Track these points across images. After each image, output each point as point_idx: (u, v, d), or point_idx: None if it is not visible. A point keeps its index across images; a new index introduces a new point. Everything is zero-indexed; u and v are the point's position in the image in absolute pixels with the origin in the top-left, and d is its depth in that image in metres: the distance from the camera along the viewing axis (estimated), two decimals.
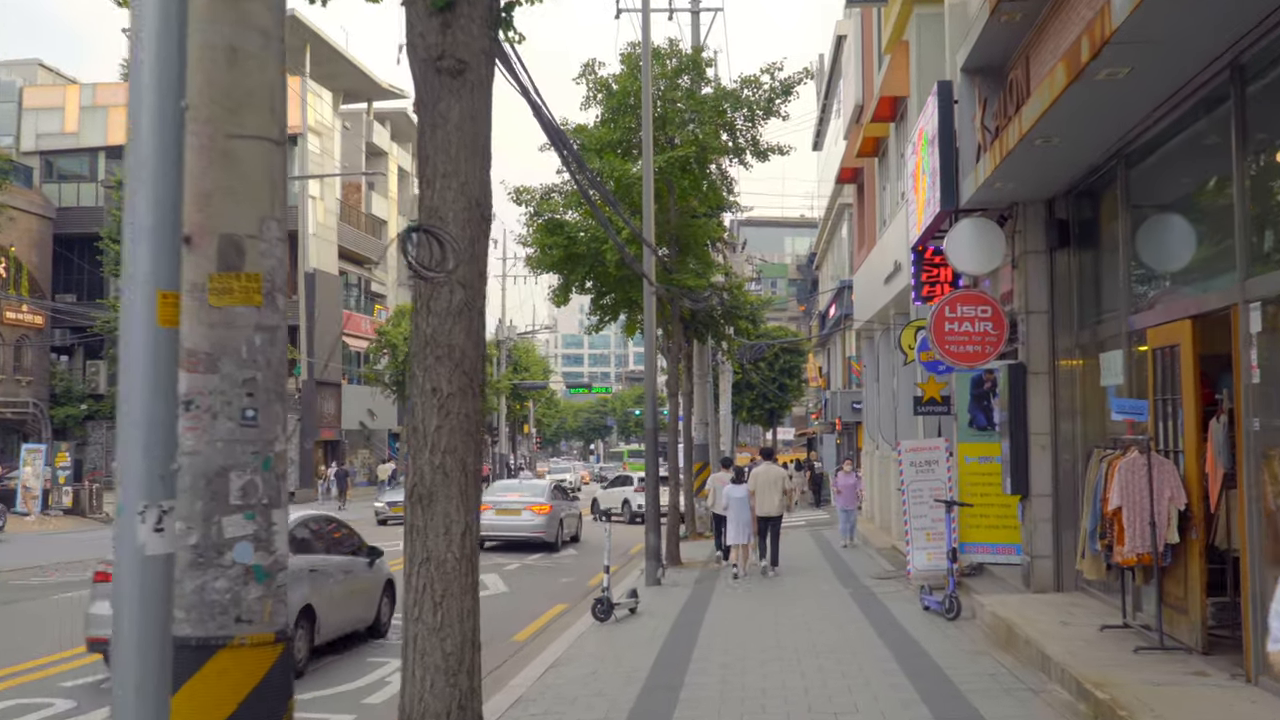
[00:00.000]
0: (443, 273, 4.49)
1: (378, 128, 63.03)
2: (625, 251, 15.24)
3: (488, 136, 4.74)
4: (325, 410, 51.45)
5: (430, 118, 4.78)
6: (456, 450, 4.56)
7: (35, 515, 31.39)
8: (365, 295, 59.15)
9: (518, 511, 24.30)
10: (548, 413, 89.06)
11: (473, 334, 4.63)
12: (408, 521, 4.61)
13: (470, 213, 4.59)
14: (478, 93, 4.72)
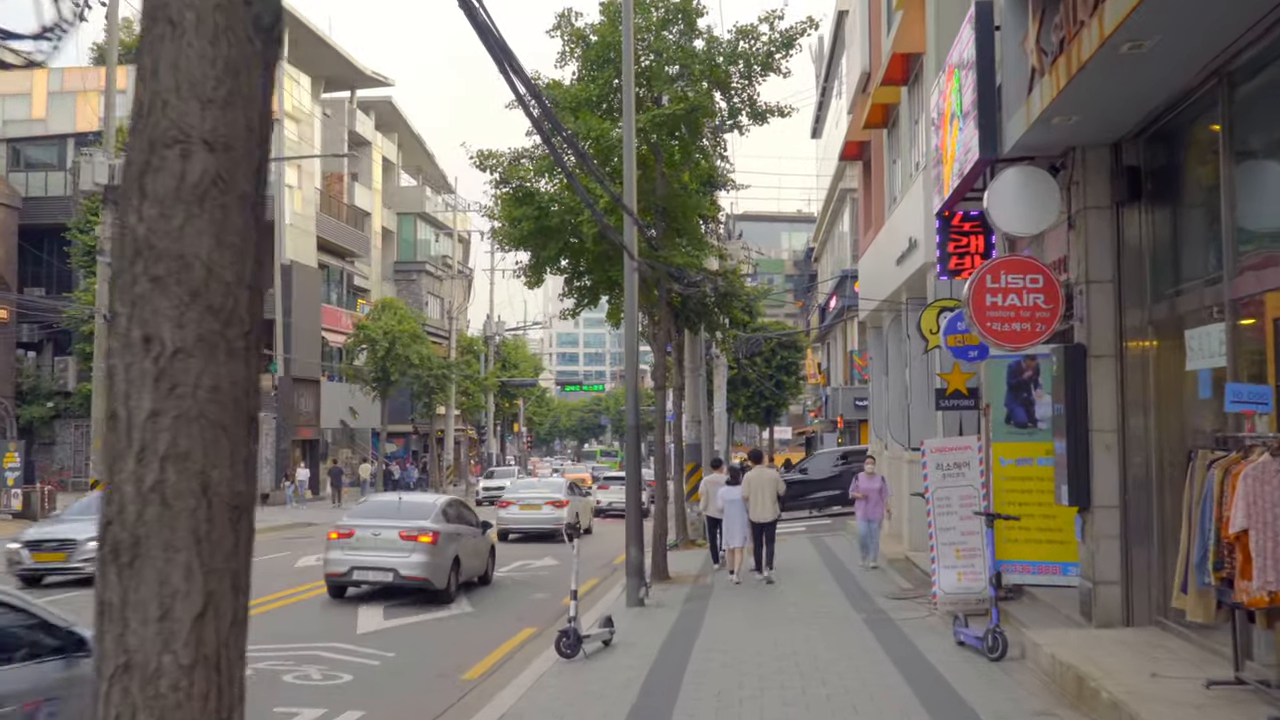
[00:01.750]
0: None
1: (361, 116, 60.81)
2: (604, 221, 13.06)
3: None
4: (303, 408, 49.22)
5: None
6: (191, 458, 2.41)
7: None
8: (348, 289, 56.93)
9: (538, 507, 26.22)
10: (539, 411, 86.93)
11: (231, 241, 2.46)
12: (96, 594, 2.41)
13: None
14: None
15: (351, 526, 16.12)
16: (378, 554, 15.52)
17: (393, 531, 15.65)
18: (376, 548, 15.60)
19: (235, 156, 2.54)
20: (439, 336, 59.96)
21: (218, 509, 2.46)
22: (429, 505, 16.66)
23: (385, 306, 48.75)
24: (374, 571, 15.48)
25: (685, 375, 24.32)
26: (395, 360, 46.28)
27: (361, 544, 15.70)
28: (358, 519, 16.57)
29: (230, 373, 2.54)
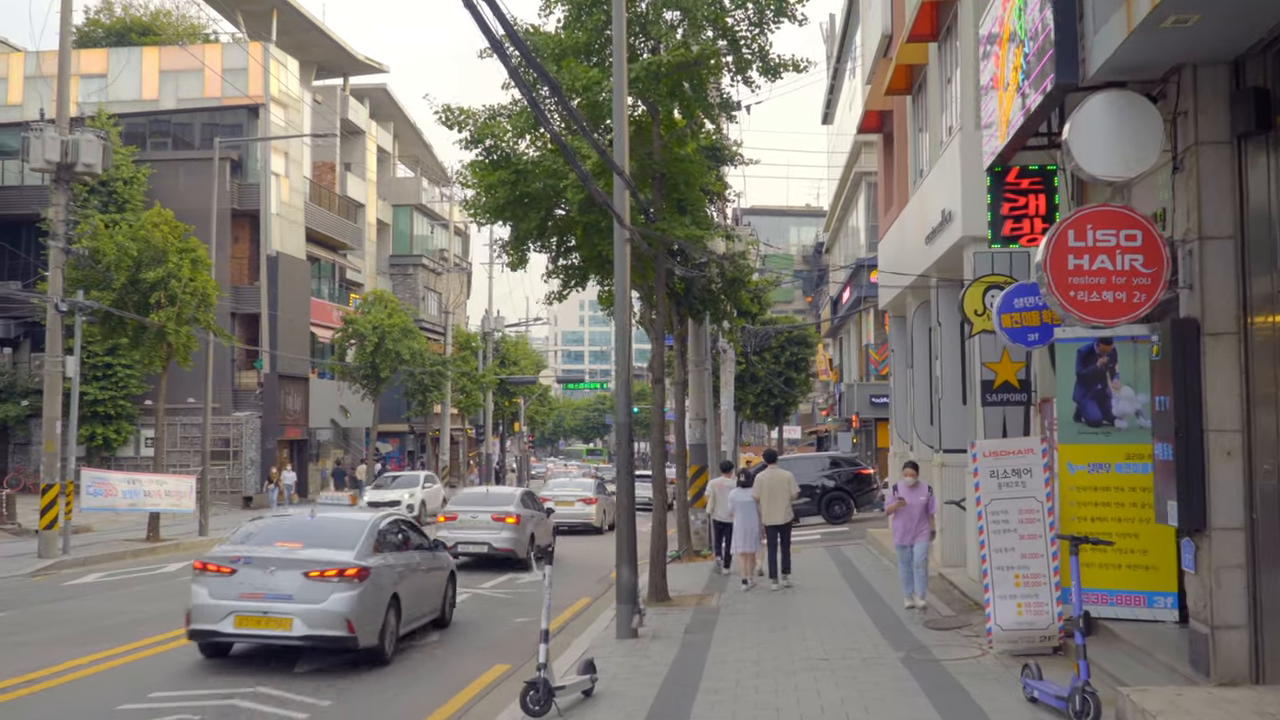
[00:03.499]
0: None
1: (355, 104, 58.81)
2: (591, 183, 10.92)
3: None
4: (290, 407, 47.14)
5: None
6: None
7: None
8: (340, 283, 54.85)
9: (571, 503, 29.68)
10: (541, 410, 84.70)
11: None
12: None
13: None
14: None
15: (455, 511, 21.57)
16: (475, 532, 20.58)
17: (486, 515, 20.81)
18: (474, 527, 20.72)
19: None
20: (436, 333, 57.88)
21: None
22: (511, 494, 22.35)
23: (375, 299, 46.60)
24: (473, 545, 20.27)
25: (688, 369, 22.20)
26: (385, 356, 44.16)
27: (463, 524, 20.83)
28: (459, 505, 21.90)
29: None
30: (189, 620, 11.05)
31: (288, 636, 10.70)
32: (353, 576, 10.88)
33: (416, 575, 12.57)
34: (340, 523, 12.17)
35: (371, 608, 11.07)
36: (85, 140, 22.38)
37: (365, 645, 10.94)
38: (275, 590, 10.76)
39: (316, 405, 49.22)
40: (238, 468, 43.68)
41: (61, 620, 14.38)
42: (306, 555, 11.04)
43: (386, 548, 11.99)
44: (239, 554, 11.14)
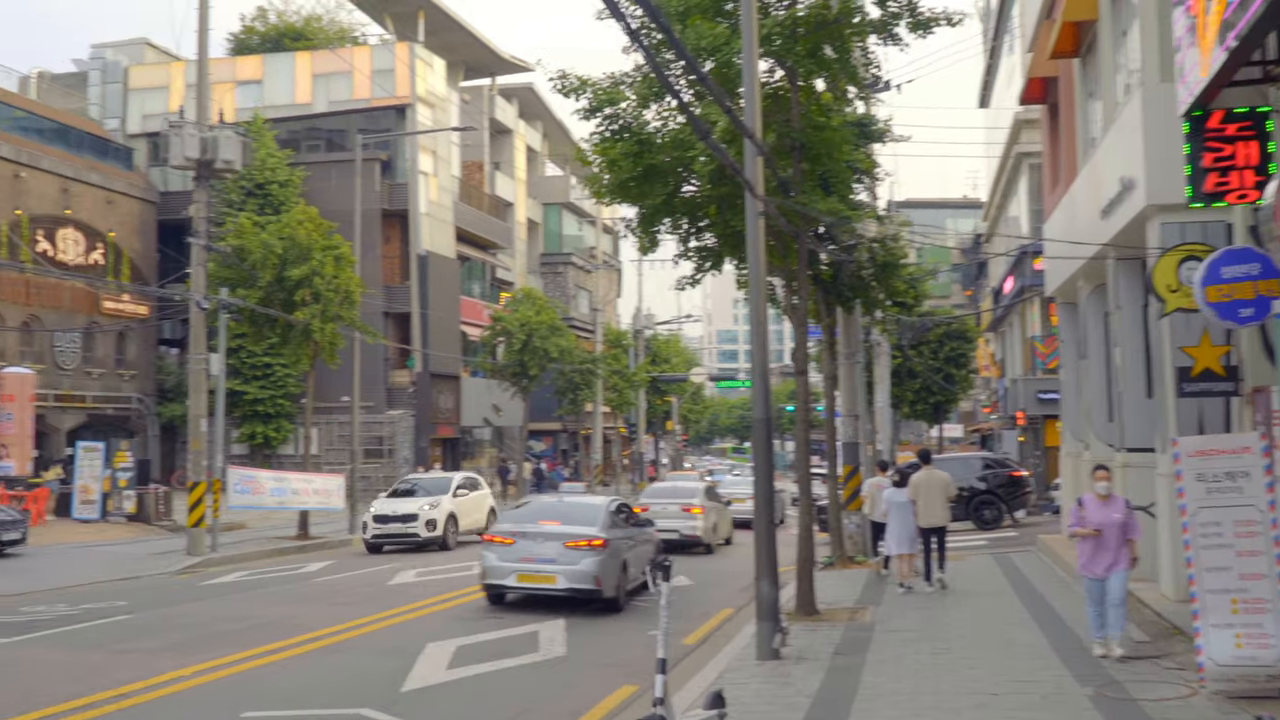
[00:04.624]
0: None
1: (503, 104, 58.83)
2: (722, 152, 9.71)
3: None
4: (443, 405, 47.29)
5: None
6: None
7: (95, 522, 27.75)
8: (491, 282, 54.91)
9: (744, 500, 27.78)
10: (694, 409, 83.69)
11: None
12: None
13: None
14: None
15: (646, 503, 23.66)
16: (666, 521, 22.56)
17: (675, 506, 23.87)
18: (665, 517, 22.76)
19: None
20: (586, 331, 57.49)
21: None
22: (697, 488, 24.09)
23: (523, 297, 46.29)
24: (665, 533, 20.98)
25: (838, 362, 20.76)
26: (533, 353, 43.77)
27: (654, 515, 21.72)
28: (649, 498, 24.51)
29: None
30: (483, 576, 15.36)
31: (554, 589, 14.74)
32: (598, 546, 14.87)
33: (636, 546, 16.24)
34: (583, 506, 16.51)
35: (611, 569, 14.97)
36: (224, 136, 22.31)
37: (607, 596, 14.82)
38: (543, 556, 14.82)
39: (469, 403, 49.30)
40: (392, 466, 43.91)
41: (182, 624, 13.94)
42: (564, 530, 15.03)
43: (616, 525, 15.80)
44: (516, 530, 15.27)
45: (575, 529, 14.98)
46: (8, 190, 35.39)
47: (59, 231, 37.54)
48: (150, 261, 42.41)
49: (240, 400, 41.79)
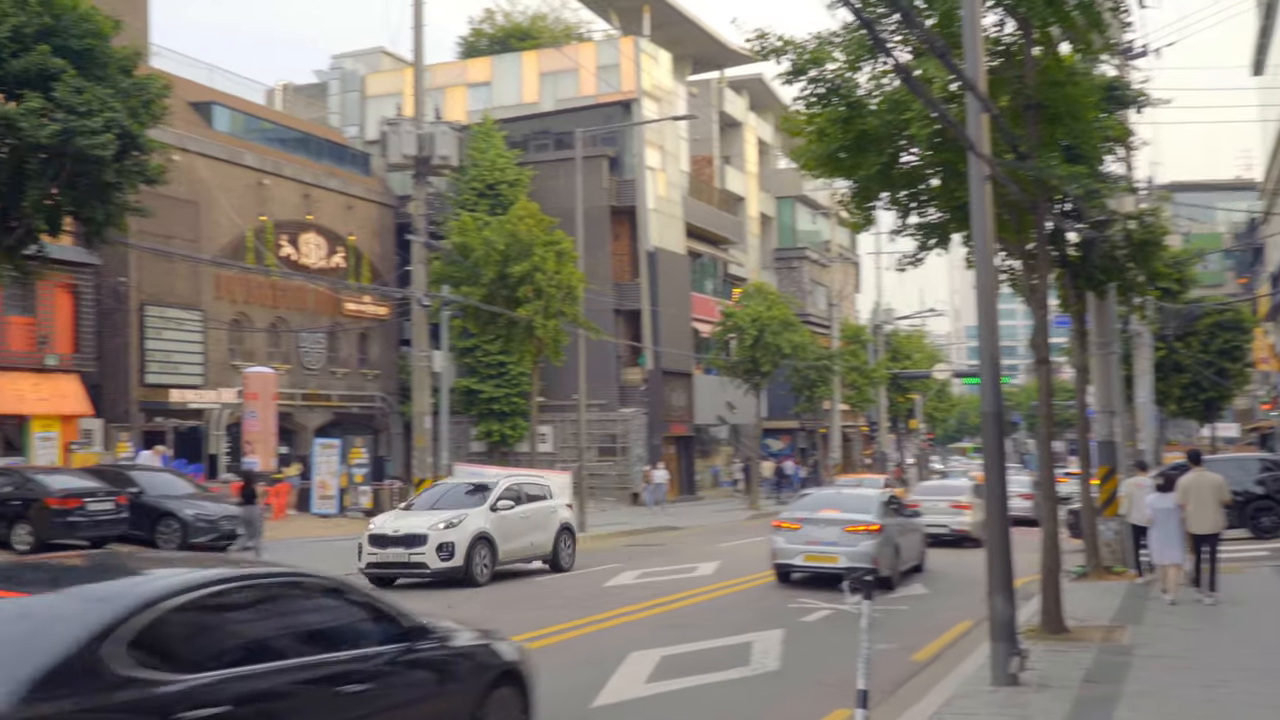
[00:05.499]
0: None
1: (732, 96, 57.93)
2: (943, 112, 8.32)
3: None
4: (675, 403, 46.78)
5: None
6: None
7: (332, 517, 28.53)
8: (723, 278, 54.08)
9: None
10: (940, 406, 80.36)
11: None
12: None
13: None
14: None
15: (918, 500, 24.09)
16: (936, 516, 23.45)
17: (944, 503, 24.74)
18: (935, 512, 23.37)
19: None
20: (822, 326, 55.89)
21: None
22: (964, 486, 23.71)
23: (754, 292, 45.17)
24: (935, 528, 22.82)
25: (1089, 352, 18.66)
26: (765, 349, 42.56)
27: (925, 511, 22.36)
28: (920, 495, 24.85)
29: None
30: (773, 557, 17.86)
31: (835, 568, 16.59)
32: (875, 531, 17.01)
33: (907, 534, 18.66)
34: (859, 497, 19.10)
35: (887, 551, 17.10)
36: (440, 132, 22.28)
37: (883, 575, 16.40)
38: (825, 539, 17.15)
39: (701, 401, 48.66)
40: (625, 463, 43.72)
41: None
42: (843, 517, 17.34)
43: (888, 513, 17.93)
44: (801, 516, 17.82)
45: (853, 516, 17.35)
46: (253, 197, 37.07)
47: (301, 236, 39.10)
48: (389, 263, 43.72)
49: (477, 399, 42.53)
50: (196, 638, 5.34)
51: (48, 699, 4.51)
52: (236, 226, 36.03)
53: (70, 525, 19.23)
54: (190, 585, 5.47)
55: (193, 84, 39.38)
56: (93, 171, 14.34)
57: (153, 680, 4.92)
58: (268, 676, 5.45)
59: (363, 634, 6.23)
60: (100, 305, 31.91)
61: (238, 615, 5.69)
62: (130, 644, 4.89)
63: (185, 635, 5.26)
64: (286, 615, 6.00)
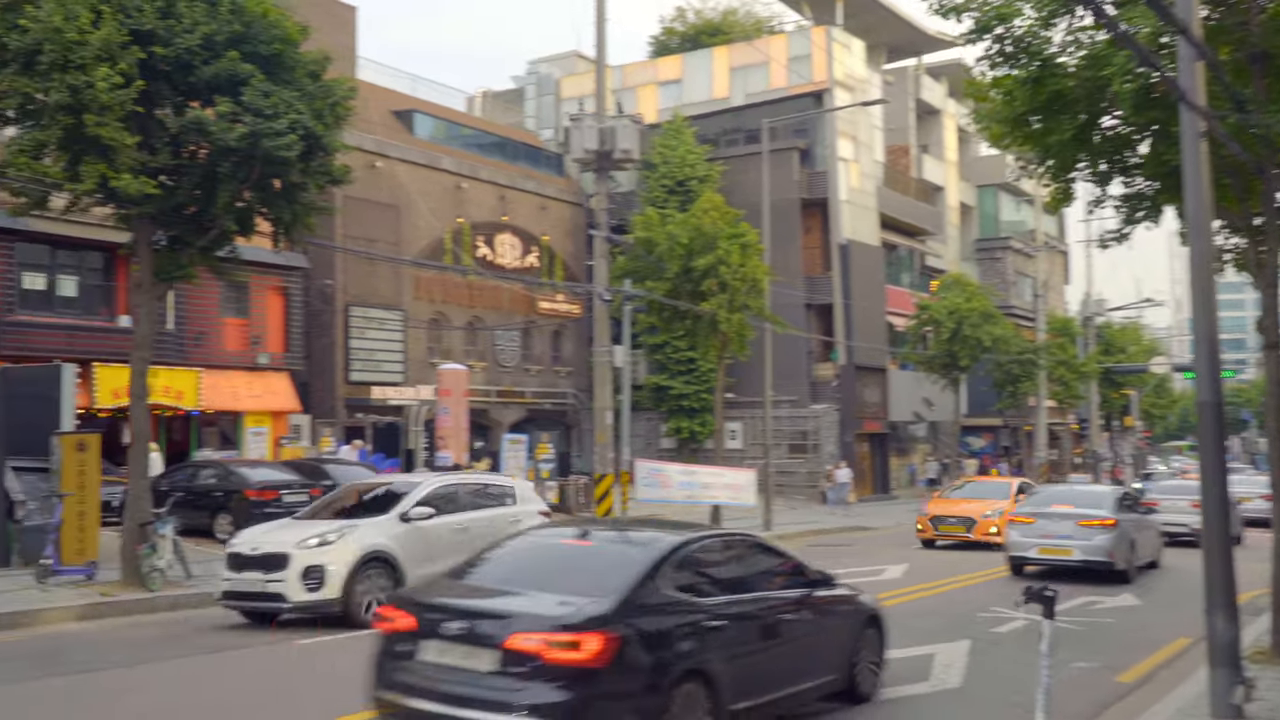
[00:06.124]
0: None
1: (930, 83, 56.02)
2: (1149, 56, 7.44)
3: None
4: (868, 399, 45.54)
5: None
6: None
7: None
8: (920, 270, 52.39)
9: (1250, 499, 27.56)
10: (1158, 403, 75.83)
11: None
12: None
13: None
14: None
15: (1156, 498, 24.38)
16: (1176, 515, 23.06)
17: (1184, 502, 22.94)
18: (1174, 512, 23.23)
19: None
20: (1026, 319, 53.47)
21: None
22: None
23: (951, 283, 43.48)
24: (1174, 528, 22.72)
25: None
26: (964, 343, 40.88)
27: (1165, 510, 23.14)
28: (1159, 494, 24.52)
29: None
30: (1008, 550, 18.54)
31: (1069, 560, 17.54)
32: (1109, 525, 17.45)
33: (1143, 530, 18.87)
34: (1092, 493, 20.22)
35: (1122, 546, 17.55)
36: (621, 126, 22.13)
37: (1119, 569, 17.36)
38: (1060, 533, 17.68)
39: (896, 397, 47.24)
40: (817, 461, 42.81)
41: None
42: (1077, 511, 17.91)
43: (1123, 509, 18.41)
44: (1035, 511, 18.46)
45: (1087, 510, 17.90)
46: (451, 200, 37.95)
47: (497, 237, 39.81)
48: (581, 262, 44.05)
49: (666, 395, 42.42)
50: (700, 573, 7.96)
51: (627, 603, 7.02)
52: (435, 229, 36.96)
53: (267, 516, 19.90)
54: (692, 540, 8.13)
55: (396, 94, 40.71)
56: (279, 173, 14.65)
57: (682, 601, 7.49)
58: (742, 603, 8.01)
59: (785, 577, 8.91)
60: (308, 307, 33.20)
61: (719, 560, 8.46)
62: (667, 576, 7.50)
63: (694, 571, 7.89)
64: (743, 562, 8.75)
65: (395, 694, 7.11)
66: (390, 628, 7.33)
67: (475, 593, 7.42)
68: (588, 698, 6.56)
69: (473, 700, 6.62)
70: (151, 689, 10.13)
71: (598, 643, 6.55)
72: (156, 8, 13.79)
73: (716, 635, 7.45)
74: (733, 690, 7.44)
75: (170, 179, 14.42)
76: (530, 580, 7.42)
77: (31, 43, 13.06)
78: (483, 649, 6.73)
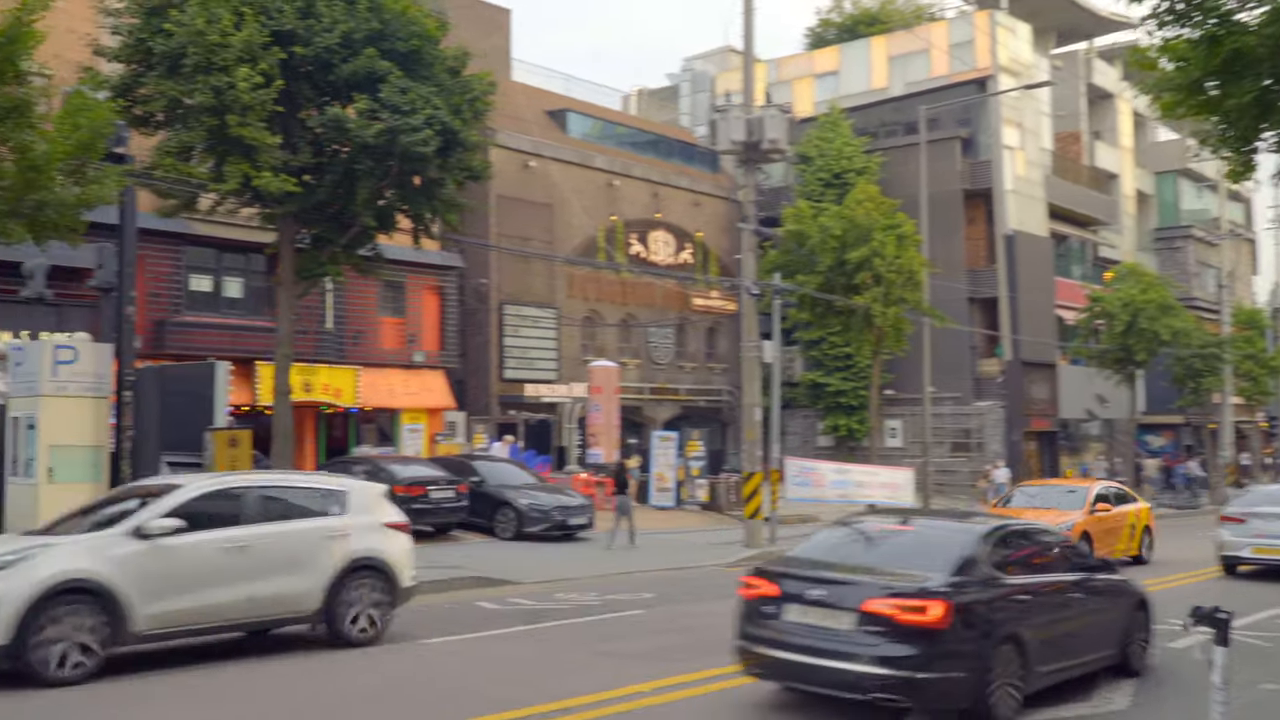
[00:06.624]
0: None
1: (1102, 67, 53.41)
2: None
3: None
4: (1036, 396, 43.67)
5: None
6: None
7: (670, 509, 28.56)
8: (1092, 262, 50.00)
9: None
10: None
11: None
12: None
13: None
14: None
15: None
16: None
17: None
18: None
19: None
20: (1210, 311, 50.49)
21: None
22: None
23: (1126, 274, 41.26)
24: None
25: None
26: (1139, 337, 38.73)
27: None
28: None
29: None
30: (1220, 549, 18.27)
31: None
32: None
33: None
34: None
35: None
36: (769, 116, 21.57)
37: None
38: (1273, 533, 17.38)
39: (1067, 394, 45.17)
40: (980, 460, 41.26)
41: (685, 625, 13.02)
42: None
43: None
44: (1246, 511, 18.18)
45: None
46: (604, 198, 37.95)
47: (650, 234, 39.64)
48: (735, 259, 43.55)
49: (823, 392, 41.54)
50: (1007, 556, 9.10)
51: (959, 578, 8.35)
52: (588, 227, 37.03)
53: (414, 512, 19.92)
54: (999, 526, 9.45)
55: (550, 94, 41.00)
56: (417, 169, 14.68)
57: (997, 578, 8.72)
58: (1041, 582, 9.24)
59: (1072, 562, 10.00)
60: (463, 305, 33.65)
61: (1019, 545, 9.49)
62: (984, 557, 8.76)
63: (1002, 554, 9.03)
64: (1038, 547, 9.78)
65: (761, 647, 8.59)
66: (754, 594, 8.79)
67: (824, 566, 8.74)
68: (931, 653, 7.89)
69: (831, 652, 8.09)
70: (239, 693, 10.10)
71: (941, 608, 7.92)
72: (296, 8, 13.96)
73: (1024, 607, 8.76)
74: (1038, 655, 8.70)
75: (311, 177, 14.58)
76: (868, 557, 8.89)
77: (176, 46, 13.37)
78: (841, 611, 8.15)
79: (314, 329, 28.01)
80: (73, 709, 8.84)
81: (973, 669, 8.09)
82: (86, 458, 16.26)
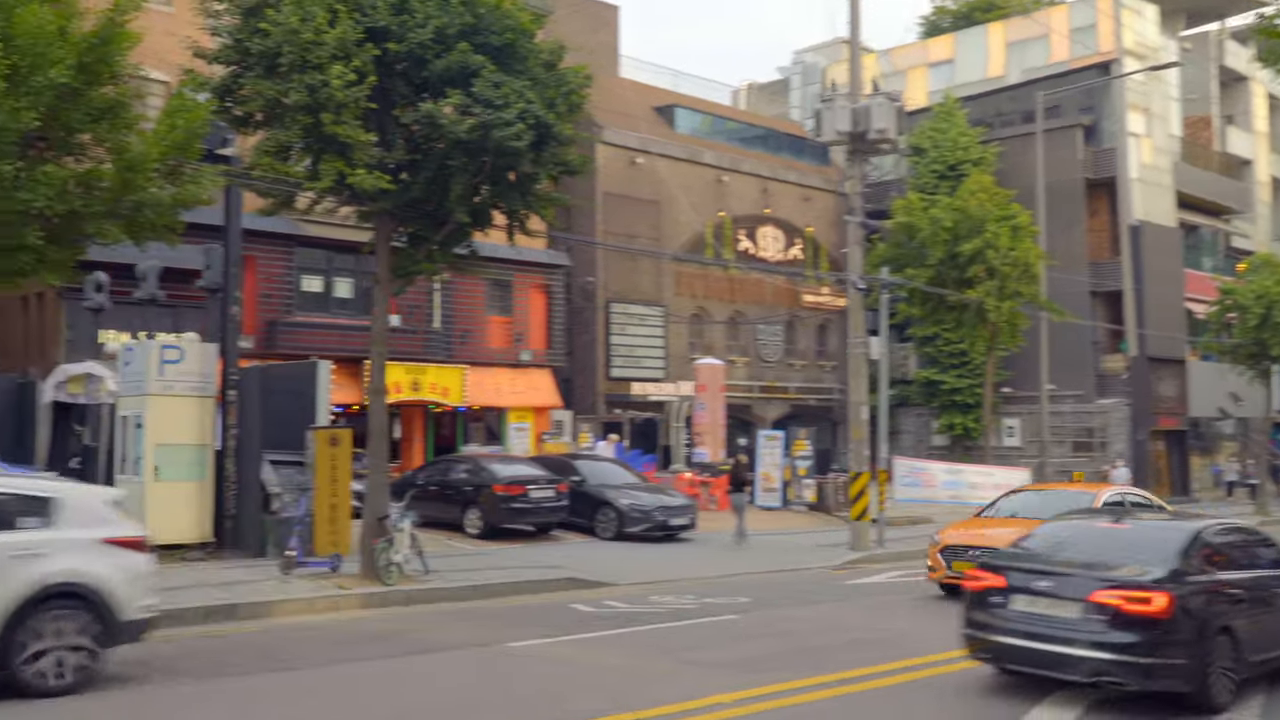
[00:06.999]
0: None
1: (1235, 49, 50.97)
2: None
3: None
4: (1164, 393, 41.86)
5: None
6: None
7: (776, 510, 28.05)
8: (1224, 253, 47.79)
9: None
10: None
11: None
12: None
13: None
14: None
15: None
16: None
17: None
18: None
19: None
20: None
21: None
22: None
23: (1260, 264, 39.22)
24: None
25: None
26: (1275, 331, 36.76)
27: None
28: None
29: None
30: None
31: None
32: None
33: None
34: None
35: None
36: (876, 104, 20.89)
37: None
38: None
39: (1197, 391, 43.20)
40: (1104, 459, 39.70)
41: (780, 630, 12.55)
42: None
43: None
44: None
45: None
46: (712, 194, 37.53)
47: (758, 230, 39.09)
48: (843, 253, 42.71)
49: (938, 390, 40.46)
50: (1218, 552, 9.69)
51: (1180, 567, 9.05)
52: (695, 223, 36.67)
53: (514, 511, 20.08)
54: (1209, 525, 10.03)
55: (658, 90, 40.72)
56: (510, 164, 14.50)
57: (1210, 572, 9.33)
58: (1249, 578, 9.76)
59: (1273, 559, 10.41)
60: (570, 304, 33.61)
61: (1228, 542, 10.05)
62: (1198, 553, 9.43)
63: (1214, 550, 9.67)
64: (1243, 545, 10.30)
65: (988, 633, 9.30)
66: (981, 585, 9.51)
67: (1047, 560, 9.45)
68: (1155, 641, 8.51)
69: (1058, 639, 8.77)
70: (324, 692, 9.60)
71: (1165, 599, 8.56)
72: (390, 4, 13.89)
73: (1235, 599, 9.31)
74: (1249, 646, 9.20)
75: (406, 174, 14.52)
76: (1088, 552, 9.56)
77: (272, 45, 13.40)
78: (1068, 601, 8.85)
79: (422, 328, 28.23)
80: None
81: (1192, 656, 8.64)
82: (192, 456, 16.55)
